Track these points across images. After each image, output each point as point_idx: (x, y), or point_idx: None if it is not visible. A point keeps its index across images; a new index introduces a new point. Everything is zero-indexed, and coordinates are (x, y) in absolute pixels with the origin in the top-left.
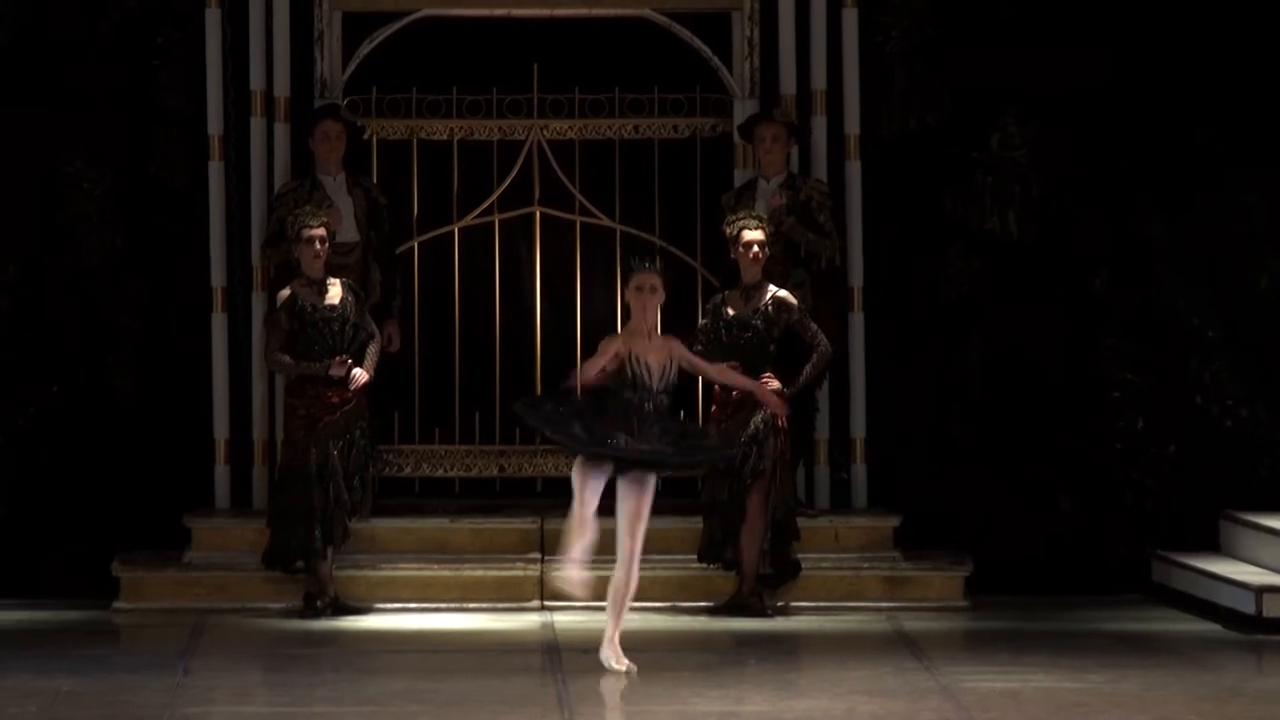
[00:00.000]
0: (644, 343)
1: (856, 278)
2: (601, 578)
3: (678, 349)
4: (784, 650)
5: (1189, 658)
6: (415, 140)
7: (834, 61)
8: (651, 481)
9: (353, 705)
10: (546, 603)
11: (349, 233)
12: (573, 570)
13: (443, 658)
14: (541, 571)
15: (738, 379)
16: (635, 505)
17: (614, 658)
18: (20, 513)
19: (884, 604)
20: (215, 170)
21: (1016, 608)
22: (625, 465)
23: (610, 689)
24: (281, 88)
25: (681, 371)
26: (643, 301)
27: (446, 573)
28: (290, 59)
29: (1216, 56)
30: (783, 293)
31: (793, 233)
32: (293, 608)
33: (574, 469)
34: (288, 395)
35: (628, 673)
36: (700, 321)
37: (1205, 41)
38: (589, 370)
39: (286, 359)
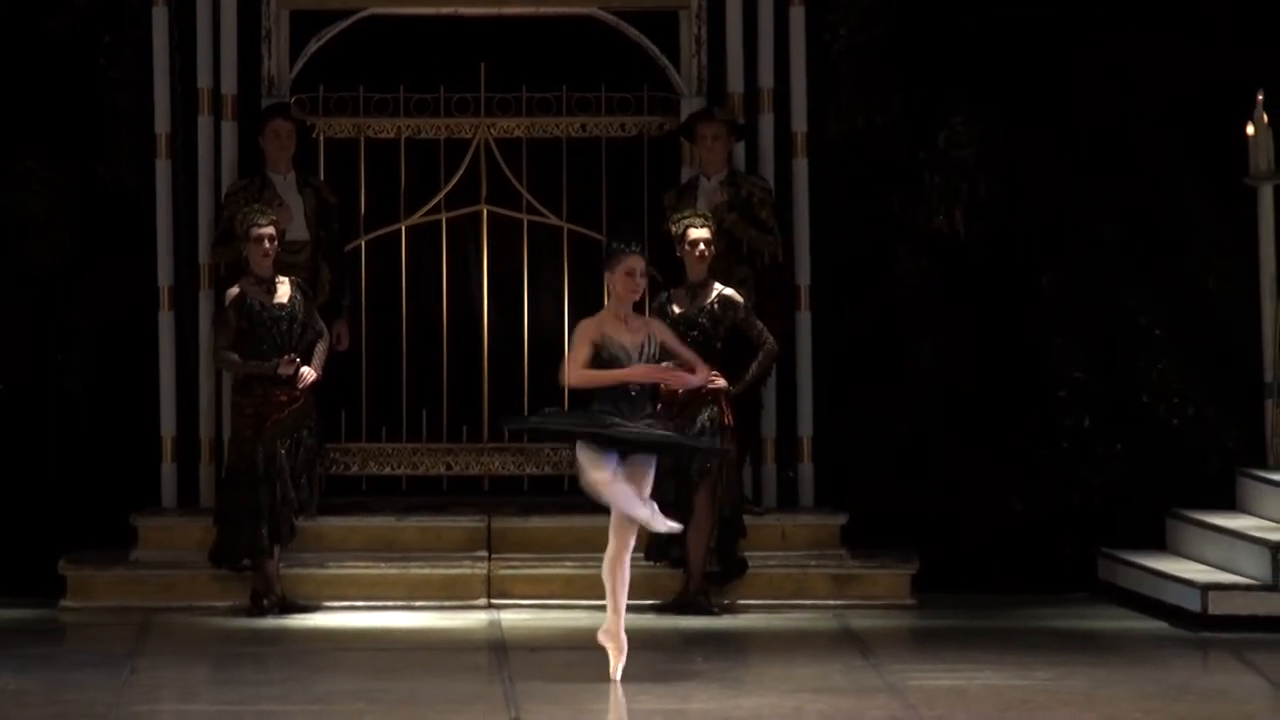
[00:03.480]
0: (618, 325)
1: (804, 277)
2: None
3: (657, 327)
4: (731, 648)
5: (1136, 655)
6: (362, 138)
7: (781, 60)
8: (651, 466)
9: (300, 704)
10: (493, 601)
11: (299, 231)
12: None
13: (390, 656)
14: (488, 570)
15: (686, 378)
16: (636, 490)
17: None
18: None
19: (831, 602)
20: (163, 169)
21: (963, 606)
22: (626, 447)
23: (557, 688)
24: (229, 86)
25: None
26: (634, 285)
27: (394, 571)
28: (238, 57)
29: (1163, 58)
30: (729, 291)
31: (735, 229)
32: (240, 606)
33: (584, 461)
34: (235, 394)
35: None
36: None
37: (1151, 43)
38: (575, 365)
39: (235, 358)
